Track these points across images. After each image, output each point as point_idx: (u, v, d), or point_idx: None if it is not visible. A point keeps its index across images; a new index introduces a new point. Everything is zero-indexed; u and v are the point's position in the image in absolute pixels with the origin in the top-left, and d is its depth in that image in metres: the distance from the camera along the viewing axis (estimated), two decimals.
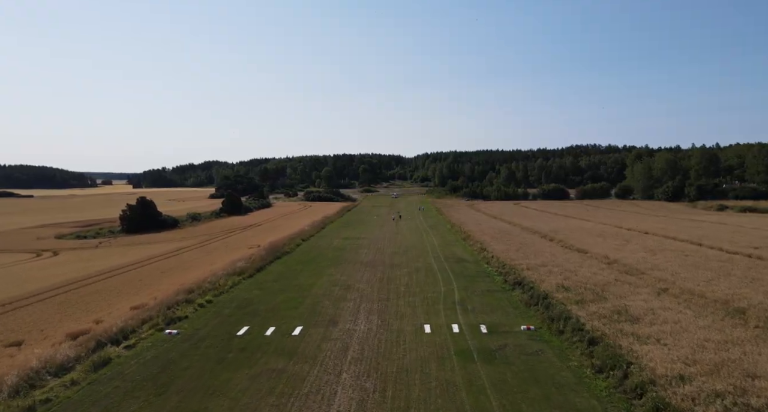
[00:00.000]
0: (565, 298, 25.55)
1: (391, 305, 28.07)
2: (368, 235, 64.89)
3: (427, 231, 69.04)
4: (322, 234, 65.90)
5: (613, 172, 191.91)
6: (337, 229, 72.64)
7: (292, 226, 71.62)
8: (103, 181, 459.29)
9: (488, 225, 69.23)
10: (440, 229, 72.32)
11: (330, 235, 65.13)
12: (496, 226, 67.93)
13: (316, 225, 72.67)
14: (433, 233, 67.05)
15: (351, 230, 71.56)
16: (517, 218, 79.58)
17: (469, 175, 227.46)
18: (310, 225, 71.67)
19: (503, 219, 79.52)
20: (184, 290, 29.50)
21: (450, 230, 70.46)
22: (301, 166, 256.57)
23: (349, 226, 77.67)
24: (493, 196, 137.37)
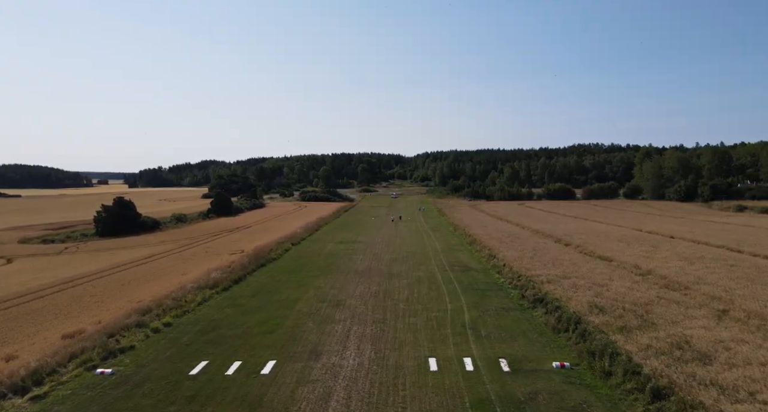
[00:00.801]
0: (603, 323, 20.61)
1: (387, 329, 23.19)
2: (365, 238, 59.99)
3: (429, 234, 64.10)
4: (315, 237, 60.99)
5: (618, 172, 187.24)
6: (332, 231, 67.70)
7: (283, 228, 66.67)
8: (99, 180, 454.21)
9: (494, 227, 64.28)
10: (442, 231, 67.38)
11: (323, 238, 60.23)
12: (504, 228, 62.96)
13: (310, 227, 67.73)
14: (435, 236, 62.15)
15: (347, 232, 66.62)
16: (524, 220, 74.64)
17: (470, 174, 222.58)
18: (303, 227, 66.73)
19: (510, 221, 74.59)
20: (138, 309, 24.59)
21: (453, 232, 65.53)
22: (298, 166, 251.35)
23: (345, 228, 72.72)
24: (496, 196, 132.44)
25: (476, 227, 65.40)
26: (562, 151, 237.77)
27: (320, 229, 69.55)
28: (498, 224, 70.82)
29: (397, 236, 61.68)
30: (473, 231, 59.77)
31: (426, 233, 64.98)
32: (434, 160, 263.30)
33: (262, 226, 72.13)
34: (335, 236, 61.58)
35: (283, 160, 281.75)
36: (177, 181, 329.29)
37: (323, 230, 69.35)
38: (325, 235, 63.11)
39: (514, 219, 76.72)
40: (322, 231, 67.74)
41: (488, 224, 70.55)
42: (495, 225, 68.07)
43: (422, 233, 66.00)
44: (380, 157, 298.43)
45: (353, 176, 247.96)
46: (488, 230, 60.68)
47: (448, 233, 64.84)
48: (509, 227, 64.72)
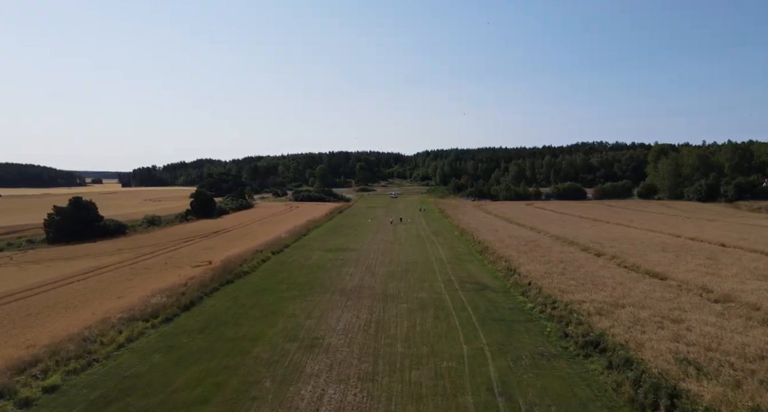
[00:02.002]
0: (717, 399, 13.00)
1: (378, 393, 15.73)
2: (358, 245, 52.53)
3: (432, 239, 56.55)
4: (301, 243, 53.50)
5: (627, 170, 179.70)
6: (322, 236, 60.13)
7: (267, 232, 59.08)
8: (93, 180, 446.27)
9: (506, 232, 56.67)
10: (447, 236, 59.82)
11: (311, 245, 52.74)
12: (518, 233, 55.40)
13: (297, 231, 60.12)
14: (439, 241, 54.63)
15: (338, 237, 59.06)
16: (538, 223, 67.02)
17: (472, 173, 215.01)
18: (290, 231, 59.15)
19: (522, 224, 66.97)
20: (19, 362, 17.01)
21: (459, 237, 58.00)
22: (294, 164, 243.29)
23: (337, 232, 65.09)
24: (502, 195, 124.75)
25: (485, 231, 57.72)
26: (567, 149, 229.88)
27: (309, 233, 61.92)
28: (510, 228, 63.23)
29: (395, 243, 54.13)
30: (483, 236, 52.25)
31: (428, 239, 57.37)
32: (435, 159, 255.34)
33: (244, 230, 64.51)
34: (325, 243, 54.00)
35: (279, 158, 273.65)
36: (171, 180, 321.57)
37: (312, 234, 61.73)
38: (314, 241, 55.51)
39: (527, 222, 69.07)
40: (310, 236, 60.14)
41: (498, 227, 62.94)
42: (506, 229, 60.45)
43: (424, 238, 58.40)
44: (379, 156, 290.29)
45: (351, 175, 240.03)
46: (500, 235, 53.14)
47: (453, 239, 57.26)
48: (523, 232, 57.09)
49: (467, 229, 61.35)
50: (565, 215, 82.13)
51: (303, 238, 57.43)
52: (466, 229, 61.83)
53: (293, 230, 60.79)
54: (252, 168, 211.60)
